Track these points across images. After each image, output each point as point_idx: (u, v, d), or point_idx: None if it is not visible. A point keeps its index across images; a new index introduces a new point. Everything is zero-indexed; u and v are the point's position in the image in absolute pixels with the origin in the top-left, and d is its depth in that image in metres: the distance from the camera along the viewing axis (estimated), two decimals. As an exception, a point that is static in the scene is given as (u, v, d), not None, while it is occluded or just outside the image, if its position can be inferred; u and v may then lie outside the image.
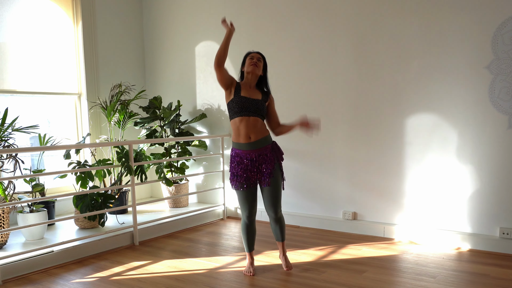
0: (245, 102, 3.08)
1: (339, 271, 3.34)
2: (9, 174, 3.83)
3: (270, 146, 3.17)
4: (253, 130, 3.09)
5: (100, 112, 5.06)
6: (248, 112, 3.08)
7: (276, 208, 3.22)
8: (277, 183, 3.17)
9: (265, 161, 3.13)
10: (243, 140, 3.12)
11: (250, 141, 3.10)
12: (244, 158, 3.14)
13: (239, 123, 3.11)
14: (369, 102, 4.22)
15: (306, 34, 4.49)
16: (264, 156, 3.13)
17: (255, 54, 3.18)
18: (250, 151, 3.12)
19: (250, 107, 3.08)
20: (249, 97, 3.10)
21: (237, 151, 3.17)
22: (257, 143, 3.11)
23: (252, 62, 3.13)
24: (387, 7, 4.04)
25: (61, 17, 4.84)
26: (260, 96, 3.16)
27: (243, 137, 3.11)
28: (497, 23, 3.57)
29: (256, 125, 3.10)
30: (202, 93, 5.29)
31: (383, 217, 4.26)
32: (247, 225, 3.27)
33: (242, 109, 3.08)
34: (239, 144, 3.15)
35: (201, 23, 5.19)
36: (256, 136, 3.10)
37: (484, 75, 3.66)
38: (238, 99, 3.09)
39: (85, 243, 3.79)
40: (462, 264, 3.44)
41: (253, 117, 3.09)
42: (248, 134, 3.10)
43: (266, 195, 3.19)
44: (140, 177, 4.49)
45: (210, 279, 3.25)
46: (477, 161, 3.76)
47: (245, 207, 3.22)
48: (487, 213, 3.75)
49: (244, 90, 3.13)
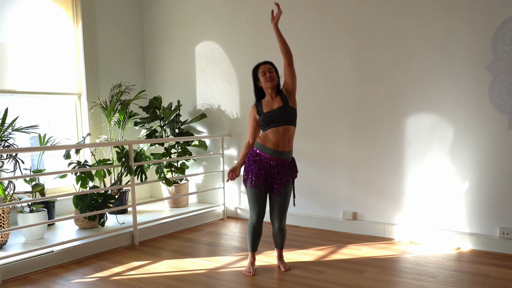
0: (269, 116, 3.11)
1: (339, 271, 3.34)
2: (9, 174, 3.83)
3: (290, 160, 3.21)
4: (282, 141, 3.12)
5: (100, 112, 5.06)
6: (275, 123, 3.10)
7: (281, 219, 3.25)
8: (287, 196, 3.21)
9: (281, 172, 3.16)
10: (270, 146, 3.13)
11: (276, 149, 3.12)
12: (264, 160, 3.15)
13: (270, 132, 3.13)
14: (369, 102, 4.22)
15: (306, 34, 4.49)
16: (282, 168, 3.16)
17: (265, 67, 3.16)
18: (272, 158, 3.13)
19: (275, 118, 3.10)
20: (271, 110, 3.13)
21: (259, 152, 3.17)
22: (281, 154, 3.13)
23: (266, 78, 3.13)
24: (387, 7, 4.04)
25: (61, 17, 4.84)
26: (281, 101, 3.15)
27: (271, 143, 3.12)
28: (497, 23, 3.57)
29: (286, 135, 3.11)
30: (202, 93, 5.29)
31: (383, 217, 4.26)
32: (254, 226, 3.27)
33: (269, 123, 3.11)
34: (264, 147, 3.15)
35: (201, 23, 5.19)
36: (283, 147, 3.13)
37: (484, 75, 3.66)
38: (263, 117, 3.13)
39: (85, 243, 3.79)
40: (462, 264, 3.44)
41: (282, 126, 3.10)
42: (277, 143, 3.11)
43: (275, 205, 3.22)
44: (140, 177, 4.49)
45: (210, 279, 3.25)
46: (477, 161, 3.76)
47: (256, 207, 3.22)
48: (487, 213, 3.75)
49: (265, 105, 3.17)
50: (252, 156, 3.19)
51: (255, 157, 3.17)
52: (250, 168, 3.17)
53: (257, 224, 3.26)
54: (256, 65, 3.22)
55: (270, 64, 3.20)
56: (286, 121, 3.10)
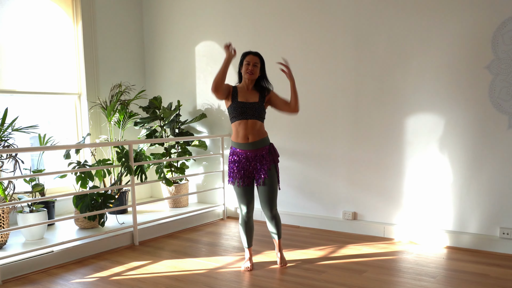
0: (243, 107, 3.18)
1: (339, 271, 3.34)
2: (9, 174, 3.83)
3: (267, 147, 3.27)
4: (251, 132, 3.20)
5: (100, 112, 5.06)
6: (246, 116, 3.18)
7: (271, 207, 3.32)
8: (272, 183, 3.27)
9: (261, 162, 3.24)
10: (241, 140, 3.23)
11: (248, 142, 3.21)
12: (241, 157, 3.25)
13: (238, 125, 3.22)
14: (369, 102, 4.22)
15: (306, 34, 4.49)
16: (261, 156, 3.24)
17: (252, 59, 3.19)
18: (247, 151, 3.23)
19: (247, 111, 3.18)
20: (246, 101, 3.19)
21: (235, 150, 3.28)
22: (254, 144, 3.21)
23: (248, 69, 3.18)
24: (387, 7, 4.04)
25: (61, 17, 4.84)
26: (258, 98, 3.22)
27: (241, 137, 3.22)
28: (497, 23, 3.57)
29: (254, 127, 3.20)
30: (202, 93, 5.29)
31: (383, 217, 4.26)
32: (244, 221, 3.38)
33: (240, 114, 3.18)
34: (237, 143, 3.26)
35: (201, 23, 5.19)
36: (254, 137, 3.20)
37: (484, 75, 3.66)
38: (236, 105, 3.19)
39: (85, 243, 3.79)
40: (462, 264, 3.44)
41: (251, 120, 3.18)
42: (246, 135, 3.20)
43: (262, 194, 3.29)
44: (140, 177, 4.49)
45: (210, 279, 3.25)
46: (477, 161, 3.75)
47: (242, 203, 3.33)
48: (487, 213, 3.75)
49: (241, 94, 3.22)
50: (230, 156, 3.30)
51: (233, 156, 3.28)
52: (230, 168, 3.28)
53: (247, 219, 3.37)
54: (246, 52, 3.25)
55: (258, 57, 3.21)
56: (255, 116, 3.19)
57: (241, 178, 3.25)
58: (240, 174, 3.25)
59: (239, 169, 3.25)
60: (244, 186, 3.27)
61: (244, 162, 3.24)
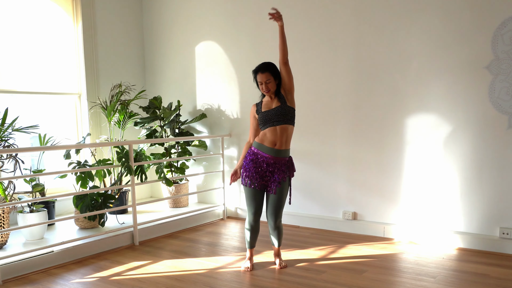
0: (267, 115, 3.17)
1: (339, 271, 3.34)
2: (9, 174, 3.83)
3: (287, 159, 3.26)
4: (280, 140, 3.17)
5: (100, 112, 5.06)
6: (272, 122, 3.16)
7: (277, 217, 3.30)
8: (282, 194, 3.25)
9: (278, 171, 3.21)
10: (268, 144, 3.18)
11: (273, 148, 3.17)
12: (260, 159, 3.21)
13: (267, 131, 3.19)
14: (369, 102, 4.23)
15: (307, 34, 4.49)
16: (279, 166, 3.21)
17: (262, 77, 3.13)
18: (269, 156, 3.19)
19: (272, 117, 3.15)
20: (268, 109, 3.19)
21: (256, 151, 3.23)
22: (279, 152, 3.19)
23: (263, 90, 3.17)
24: (387, 7, 4.04)
25: (61, 17, 4.84)
26: (279, 101, 3.19)
27: (268, 142, 3.18)
28: (497, 23, 3.57)
29: (283, 134, 3.17)
30: (202, 93, 5.29)
31: (383, 217, 4.26)
32: (251, 224, 3.34)
33: (266, 122, 3.17)
34: (261, 145, 3.21)
35: (201, 23, 5.19)
36: (281, 145, 3.18)
37: (484, 75, 3.66)
38: (261, 116, 3.20)
39: (85, 243, 3.79)
40: (462, 264, 3.44)
41: (279, 125, 3.15)
42: (274, 141, 3.17)
43: (270, 203, 3.28)
44: (140, 177, 4.49)
45: (210, 279, 3.25)
46: (477, 161, 3.76)
47: (252, 205, 3.28)
48: (487, 213, 3.75)
49: (264, 106, 3.23)
50: (249, 156, 3.25)
51: (252, 156, 3.23)
52: (247, 167, 3.23)
53: (254, 222, 3.33)
54: (255, 70, 3.20)
55: (268, 72, 3.14)
56: (283, 120, 3.15)
57: (256, 181, 3.21)
58: (255, 176, 3.20)
59: (257, 171, 3.20)
60: (258, 189, 3.24)
61: (263, 166, 3.20)
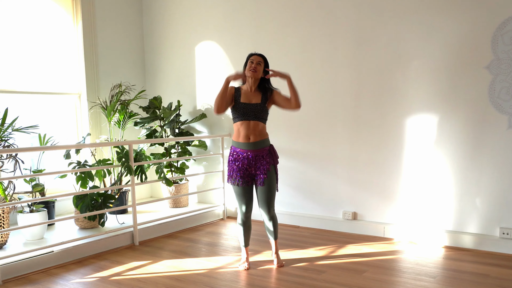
0: (245, 108, 3.21)
1: (339, 271, 3.34)
2: (9, 174, 3.83)
3: (267, 148, 3.29)
4: (253, 133, 3.22)
5: (100, 112, 5.06)
6: (248, 117, 3.20)
7: (269, 208, 3.33)
8: (271, 184, 3.28)
9: (261, 162, 3.25)
10: (242, 140, 3.24)
11: (249, 141, 3.22)
12: (241, 156, 3.26)
13: (240, 125, 3.24)
14: (369, 102, 4.23)
15: (307, 34, 4.49)
16: (261, 157, 3.25)
17: (255, 57, 3.23)
18: (248, 151, 3.24)
19: (249, 112, 3.20)
20: (248, 102, 3.22)
21: (235, 149, 3.29)
22: (255, 144, 3.23)
23: (251, 67, 3.20)
24: (388, 7, 4.04)
25: (61, 17, 4.84)
26: (260, 99, 3.23)
27: (242, 137, 3.24)
28: (497, 23, 3.57)
29: (256, 128, 3.23)
30: (202, 93, 5.29)
31: (383, 217, 4.26)
32: (243, 221, 3.40)
33: (242, 115, 3.21)
34: (238, 143, 3.27)
35: (201, 23, 5.19)
36: (255, 138, 3.22)
37: (484, 75, 3.66)
38: (238, 106, 3.22)
39: (85, 243, 3.79)
40: (462, 264, 3.44)
41: (253, 121, 3.21)
42: (248, 135, 3.22)
43: (260, 195, 3.30)
44: (140, 177, 4.49)
45: (210, 279, 3.25)
46: (477, 161, 3.76)
47: (242, 203, 3.34)
48: (487, 213, 3.75)
49: (244, 96, 3.24)
50: (231, 155, 3.31)
51: (234, 155, 3.29)
52: (230, 167, 3.30)
53: (245, 219, 3.38)
54: (251, 53, 3.30)
55: (261, 57, 3.25)
56: (258, 118, 3.21)
57: (241, 178, 3.26)
58: (240, 173, 3.26)
59: (239, 168, 3.26)
60: (244, 185, 3.29)
61: (244, 162, 3.25)
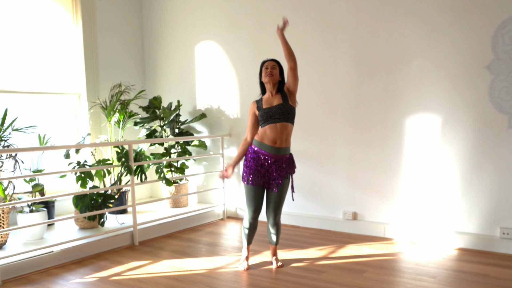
0: (268, 112, 3.16)
1: (339, 271, 3.34)
2: (9, 174, 3.82)
3: (287, 156, 3.25)
4: (280, 137, 3.16)
5: (100, 112, 5.06)
6: (273, 119, 3.15)
7: (276, 214, 3.32)
8: (283, 192, 3.26)
9: (279, 168, 3.21)
10: (267, 142, 3.17)
11: (274, 146, 3.16)
12: (262, 157, 3.20)
13: (267, 128, 3.17)
14: (369, 102, 4.22)
15: (306, 34, 4.49)
16: (280, 164, 3.21)
17: (269, 63, 3.23)
18: (270, 154, 3.18)
19: (273, 114, 3.15)
20: (270, 106, 3.18)
21: (257, 149, 3.22)
22: (279, 150, 3.18)
23: (267, 72, 3.19)
24: (387, 7, 4.04)
25: (61, 17, 4.84)
26: (281, 99, 3.20)
27: (268, 140, 3.17)
28: (497, 23, 3.57)
29: (283, 132, 3.16)
30: (202, 93, 5.29)
31: (383, 217, 4.26)
32: (251, 222, 3.35)
33: (268, 118, 3.16)
34: (262, 143, 3.20)
35: (201, 23, 5.19)
36: (281, 143, 3.17)
37: (484, 75, 3.66)
38: (262, 113, 3.19)
39: (85, 243, 3.79)
40: (462, 264, 3.44)
41: (280, 123, 3.14)
42: (275, 139, 3.16)
43: (271, 200, 3.28)
44: (140, 177, 4.48)
45: (210, 279, 3.25)
46: (477, 161, 3.76)
47: (253, 203, 3.28)
48: (487, 213, 3.75)
49: (265, 102, 3.22)
50: (250, 154, 3.25)
51: (253, 154, 3.23)
52: (248, 165, 3.23)
53: (253, 220, 3.34)
54: (264, 60, 3.30)
55: (275, 61, 3.26)
56: (284, 118, 3.15)
57: (258, 178, 3.21)
58: (256, 174, 3.20)
59: (258, 169, 3.20)
60: (259, 186, 3.23)
61: (265, 164, 3.19)
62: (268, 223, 3.39)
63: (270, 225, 3.38)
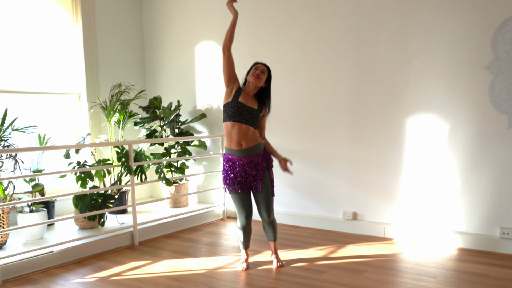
0: (241, 108, 3.13)
1: (339, 271, 3.34)
2: (9, 174, 3.83)
3: (261, 153, 3.24)
4: (245, 138, 3.15)
5: (100, 112, 5.06)
6: (241, 119, 3.13)
7: (269, 212, 3.31)
8: (268, 189, 3.27)
9: (256, 168, 3.20)
10: (234, 147, 3.18)
11: (241, 148, 3.16)
12: (236, 163, 3.20)
13: (231, 128, 3.15)
14: (369, 102, 4.22)
15: (306, 34, 4.49)
16: (256, 163, 3.20)
17: (260, 66, 3.23)
18: (242, 157, 3.18)
19: (244, 114, 3.13)
20: (245, 104, 3.16)
21: (229, 156, 3.23)
22: (248, 151, 3.17)
23: (255, 73, 3.18)
24: (387, 7, 4.04)
25: (61, 17, 4.84)
26: (256, 106, 3.21)
27: (234, 143, 3.17)
28: (497, 23, 3.57)
29: (248, 133, 3.15)
30: (202, 93, 5.29)
31: (383, 217, 4.26)
32: (244, 227, 3.36)
33: (236, 114, 3.13)
34: (231, 150, 3.21)
35: (201, 23, 5.19)
36: (247, 144, 3.16)
37: (484, 75, 3.66)
38: (235, 104, 3.14)
39: (85, 243, 3.79)
40: (462, 264, 3.44)
41: (245, 124, 3.13)
42: (239, 141, 3.16)
43: (259, 201, 3.28)
44: (140, 177, 4.48)
45: (210, 279, 3.25)
46: (477, 161, 3.75)
47: (243, 210, 3.29)
48: (487, 213, 3.75)
49: (242, 96, 3.19)
50: (226, 163, 3.24)
51: (229, 162, 3.23)
52: (227, 174, 3.23)
53: (246, 225, 3.34)
54: (257, 61, 3.31)
55: (266, 67, 3.26)
56: (250, 122, 3.14)
57: (239, 184, 3.20)
58: (236, 181, 3.19)
59: (235, 176, 3.19)
60: (242, 193, 3.23)
61: (240, 169, 3.19)
62: (263, 222, 3.38)
63: (266, 223, 3.37)
